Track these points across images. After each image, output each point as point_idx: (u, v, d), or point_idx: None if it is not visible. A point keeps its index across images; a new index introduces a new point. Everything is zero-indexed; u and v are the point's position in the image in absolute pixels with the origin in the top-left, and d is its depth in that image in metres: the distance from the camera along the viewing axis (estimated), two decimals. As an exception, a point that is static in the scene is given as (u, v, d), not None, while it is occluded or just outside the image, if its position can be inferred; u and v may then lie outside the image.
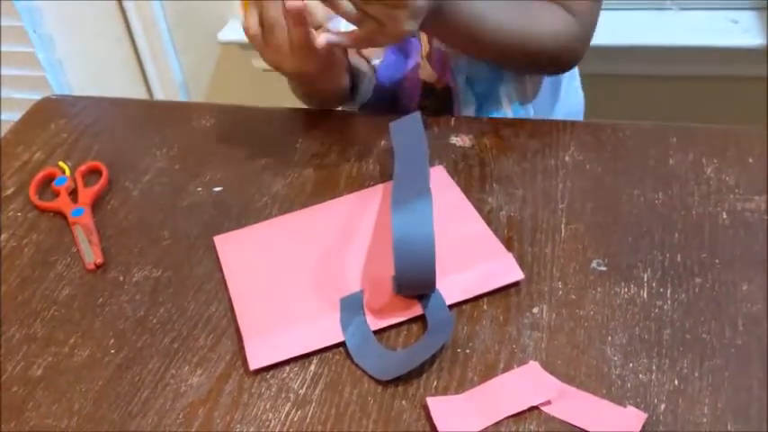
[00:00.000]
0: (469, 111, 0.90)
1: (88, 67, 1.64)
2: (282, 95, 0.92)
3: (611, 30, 1.33)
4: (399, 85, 0.89)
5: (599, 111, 1.04)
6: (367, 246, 0.69)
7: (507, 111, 0.90)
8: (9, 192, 0.80)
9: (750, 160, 0.73)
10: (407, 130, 0.76)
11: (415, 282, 0.62)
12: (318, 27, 0.73)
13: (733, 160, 0.74)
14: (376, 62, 0.89)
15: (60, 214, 0.77)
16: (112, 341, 0.64)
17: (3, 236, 0.75)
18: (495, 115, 0.89)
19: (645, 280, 0.64)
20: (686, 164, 0.74)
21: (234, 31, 1.54)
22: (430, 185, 0.65)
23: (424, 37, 0.85)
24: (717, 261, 0.65)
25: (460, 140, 0.80)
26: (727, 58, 1.36)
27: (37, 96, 0.95)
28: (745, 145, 0.75)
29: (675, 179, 0.73)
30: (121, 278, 0.70)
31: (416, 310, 0.63)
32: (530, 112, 0.91)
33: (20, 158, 0.85)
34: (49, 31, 1.58)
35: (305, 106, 0.89)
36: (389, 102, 0.90)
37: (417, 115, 0.77)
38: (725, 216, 0.68)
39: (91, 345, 0.64)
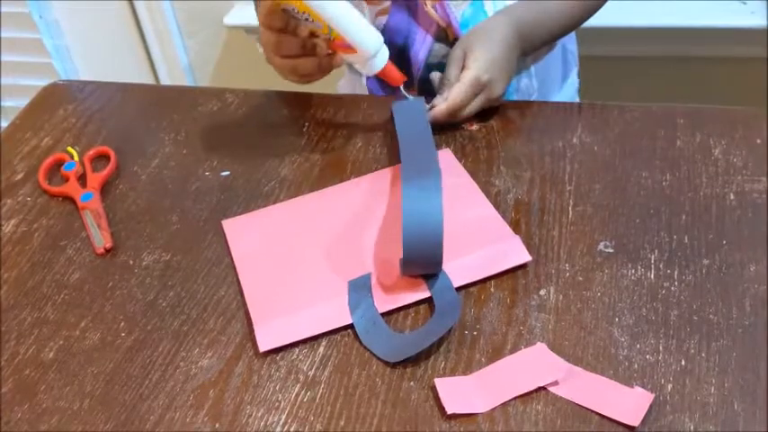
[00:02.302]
0: None
1: (94, 52, 1.64)
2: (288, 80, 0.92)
3: (618, 10, 1.32)
4: (411, 32, 0.89)
5: (604, 93, 1.04)
6: (375, 229, 0.69)
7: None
8: (18, 177, 0.81)
9: (758, 141, 0.73)
10: (410, 112, 0.77)
11: (422, 257, 0.62)
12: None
13: (741, 142, 0.73)
14: (385, 4, 0.88)
15: (69, 199, 0.77)
16: (123, 324, 0.65)
17: (13, 221, 0.76)
18: None
19: (652, 261, 0.64)
20: (694, 145, 0.74)
21: (240, 16, 1.54)
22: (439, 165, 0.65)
23: None
24: (724, 242, 0.65)
25: (467, 123, 0.80)
26: (735, 39, 1.35)
27: (44, 83, 0.96)
28: (752, 126, 0.75)
29: (683, 161, 0.72)
30: (131, 262, 0.70)
31: (424, 292, 0.63)
32: (533, 80, 0.92)
33: (28, 144, 0.85)
34: (55, 17, 1.58)
35: (312, 90, 0.88)
36: (398, 52, 0.89)
37: (421, 100, 0.77)
38: (732, 197, 0.68)
39: (102, 328, 0.65)
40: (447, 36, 0.88)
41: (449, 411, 0.55)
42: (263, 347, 0.61)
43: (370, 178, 0.75)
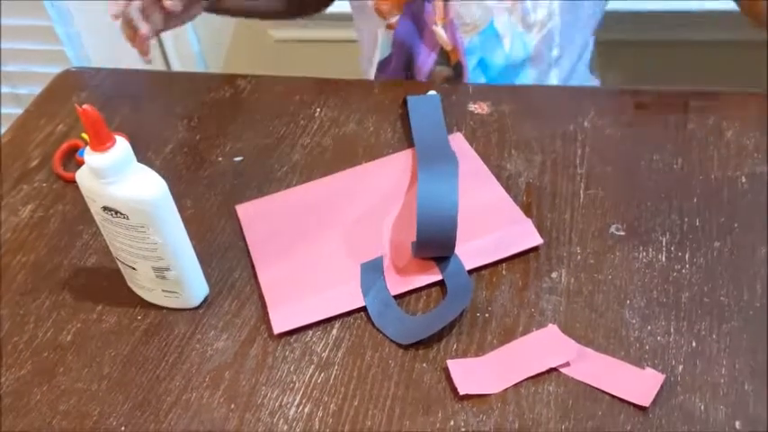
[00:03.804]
0: None
1: (106, 39, 1.65)
2: (300, 65, 0.93)
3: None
4: (416, 46, 0.90)
5: (616, 77, 1.03)
6: (387, 213, 0.70)
7: None
8: (34, 164, 0.82)
9: (770, 124, 0.73)
10: (425, 106, 0.79)
11: (436, 240, 0.63)
12: None
13: (753, 124, 0.73)
14: (393, 20, 0.89)
15: (85, 185, 0.78)
16: (139, 308, 0.65)
17: (30, 206, 0.76)
18: None
19: (663, 244, 0.64)
20: (705, 128, 0.74)
21: (250, 2, 1.53)
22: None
23: (439, 5, 0.85)
24: (735, 225, 0.65)
25: (479, 107, 0.80)
26: (744, 23, 1.34)
27: (56, 70, 0.96)
28: (765, 109, 0.75)
29: (695, 143, 0.72)
30: (146, 246, 0.71)
31: (436, 275, 0.64)
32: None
33: (43, 131, 0.86)
34: (67, 4, 1.59)
35: (323, 76, 0.89)
36: (406, 60, 0.91)
37: (437, 97, 0.79)
38: (744, 180, 0.68)
39: (118, 312, 0.65)
40: (449, 60, 0.88)
41: (461, 392, 0.55)
42: (277, 330, 0.61)
43: (381, 163, 0.76)
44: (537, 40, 0.87)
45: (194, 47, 1.67)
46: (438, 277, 0.64)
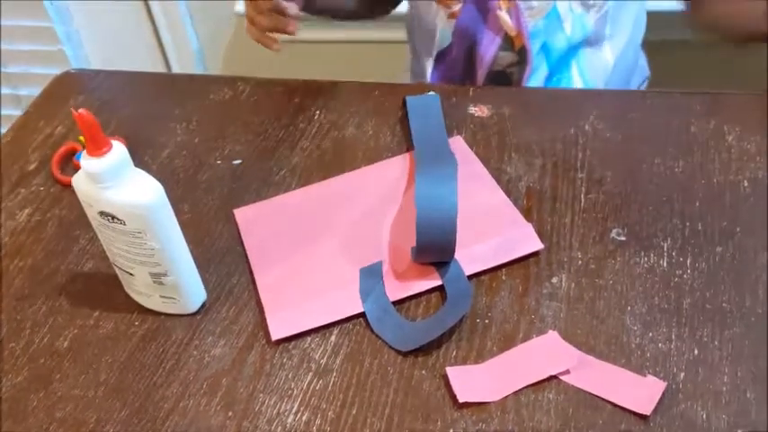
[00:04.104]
0: (539, 77, 0.90)
1: (105, 39, 1.64)
2: (299, 67, 0.92)
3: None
4: (479, 32, 0.89)
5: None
6: (386, 217, 0.69)
7: (577, 83, 0.90)
8: (32, 167, 0.81)
9: (773, 127, 0.73)
10: (424, 107, 0.78)
11: (435, 245, 0.62)
12: None
13: (755, 128, 0.73)
14: (456, 8, 0.89)
15: (82, 188, 0.77)
16: (136, 314, 0.65)
17: (27, 210, 0.76)
18: (563, 86, 0.90)
19: (665, 249, 0.64)
20: (708, 131, 0.73)
21: (250, 2, 1.53)
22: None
23: None
24: (737, 229, 0.64)
25: (479, 110, 0.79)
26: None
27: (55, 71, 0.96)
28: (766, 112, 0.74)
29: (696, 147, 0.72)
30: (144, 251, 0.70)
31: (435, 280, 0.63)
32: (599, 85, 0.92)
33: (42, 133, 0.86)
34: (67, 5, 1.58)
35: (323, 79, 0.88)
36: (468, 48, 0.90)
37: (436, 97, 0.78)
38: (746, 184, 0.68)
39: (115, 317, 0.65)
40: (513, 45, 0.88)
41: (460, 400, 0.55)
42: (275, 336, 0.61)
43: (381, 166, 0.75)
44: (594, 20, 0.87)
45: (194, 48, 1.67)
46: (437, 282, 0.63)
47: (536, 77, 0.89)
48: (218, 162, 0.78)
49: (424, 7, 0.92)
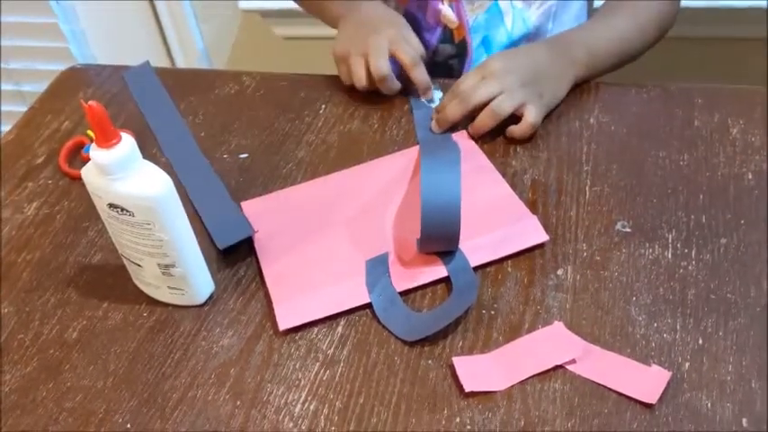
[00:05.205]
0: None
1: (110, 36, 1.65)
2: (304, 63, 0.92)
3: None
4: (423, 18, 0.90)
5: (625, 74, 1.03)
6: (392, 209, 0.70)
7: None
8: (39, 160, 0.82)
9: (777, 120, 0.73)
10: (428, 108, 0.80)
11: (440, 233, 0.63)
12: None
13: (759, 121, 0.73)
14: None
15: (90, 182, 0.78)
16: (144, 305, 0.65)
17: (35, 203, 0.77)
18: None
19: (669, 241, 0.64)
20: (712, 125, 0.74)
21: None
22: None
23: None
24: (742, 222, 0.64)
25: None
26: (752, 19, 1.33)
27: (60, 67, 0.96)
28: (771, 105, 0.75)
29: (700, 140, 0.72)
30: (151, 244, 0.71)
31: (441, 272, 0.64)
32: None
33: (49, 127, 0.86)
34: (72, 4, 1.59)
35: (327, 73, 0.89)
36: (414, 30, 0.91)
37: (439, 93, 0.80)
38: (750, 177, 0.68)
39: (123, 309, 0.65)
40: (453, 38, 0.88)
41: (467, 389, 0.55)
42: (282, 326, 0.61)
43: (386, 160, 0.76)
44: (536, 15, 0.88)
45: (198, 44, 1.67)
46: (443, 274, 0.64)
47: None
48: (225, 156, 0.79)
49: None
